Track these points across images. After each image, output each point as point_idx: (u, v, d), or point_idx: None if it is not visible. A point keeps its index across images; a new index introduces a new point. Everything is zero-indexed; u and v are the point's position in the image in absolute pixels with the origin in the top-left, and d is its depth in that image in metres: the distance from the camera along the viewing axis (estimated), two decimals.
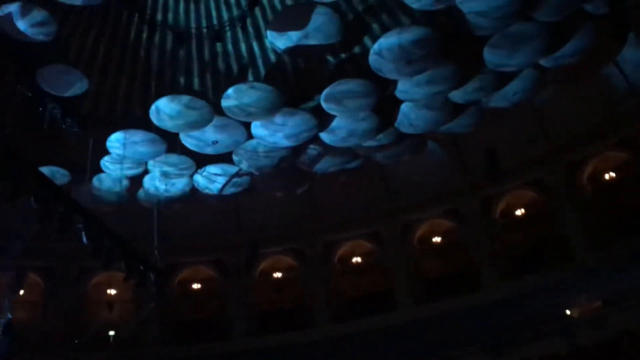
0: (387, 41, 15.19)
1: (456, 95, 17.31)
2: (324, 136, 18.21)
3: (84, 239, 13.56)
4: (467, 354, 21.19)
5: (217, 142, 18.00)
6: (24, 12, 14.44)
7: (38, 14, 14.57)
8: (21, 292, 22.39)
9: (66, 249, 21.56)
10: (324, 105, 16.86)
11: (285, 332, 22.80)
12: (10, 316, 16.73)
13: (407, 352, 21.09)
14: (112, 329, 23.54)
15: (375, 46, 15.37)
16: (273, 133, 17.70)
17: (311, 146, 19.03)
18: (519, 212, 23.23)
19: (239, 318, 23.63)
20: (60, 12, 16.29)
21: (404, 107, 17.57)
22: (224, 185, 20.53)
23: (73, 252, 21.26)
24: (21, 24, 14.72)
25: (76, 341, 22.57)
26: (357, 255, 25.06)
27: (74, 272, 23.48)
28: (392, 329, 21.42)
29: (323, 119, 17.63)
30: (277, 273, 25.45)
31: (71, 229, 13.31)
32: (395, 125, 18.14)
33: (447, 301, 21.39)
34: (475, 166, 21.64)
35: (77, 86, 16.71)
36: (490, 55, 15.65)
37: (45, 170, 16.06)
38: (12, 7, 14.29)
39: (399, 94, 16.96)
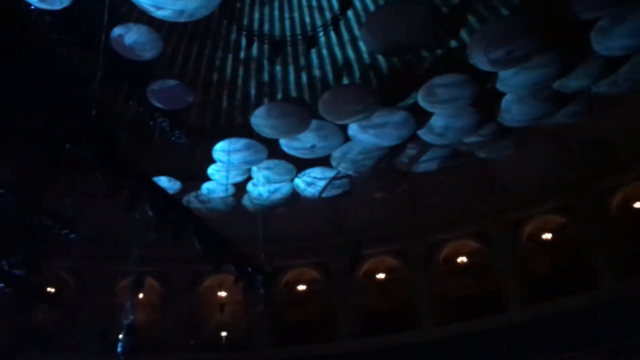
0: (485, 32, 14.74)
1: (562, 84, 16.45)
2: (423, 134, 17.94)
3: (196, 244, 14.25)
4: (583, 354, 19.90)
5: (315, 146, 18.27)
6: (133, 33, 15.43)
7: (146, 34, 15.51)
8: (140, 295, 23.86)
9: (180, 254, 22.68)
10: (421, 102, 16.63)
11: (390, 333, 22.61)
12: (132, 318, 17.83)
13: (518, 355, 20.19)
14: (224, 331, 24.53)
15: (473, 38, 14.97)
16: (371, 134, 17.69)
17: (410, 145, 18.83)
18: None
19: (344, 320, 23.75)
20: (165, 30, 17.27)
21: (505, 99, 16.95)
22: (324, 188, 20.80)
23: (186, 257, 22.31)
24: (130, 44, 15.71)
25: (191, 342, 23.72)
26: (461, 255, 24.37)
27: (187, 275, 24.67)
28: (499, 331, 20.60)
29: (421, 117, 17.39)
30: (380, 274, 25.32)
31: (184, 235, 14.02)
32: (498, 119, 17.54)
33: (559, 301, 20.24)
34: (587, 159, 20.44)
35: (184, 99, 17.61)
36: (598, 40, 14.71)
37: (158, 180, 17.07)
38: (122, 29, 15.32)
39: (499, 86, 16.39)
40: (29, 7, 14.48)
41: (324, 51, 19.08)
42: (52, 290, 22.58)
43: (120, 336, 18.71)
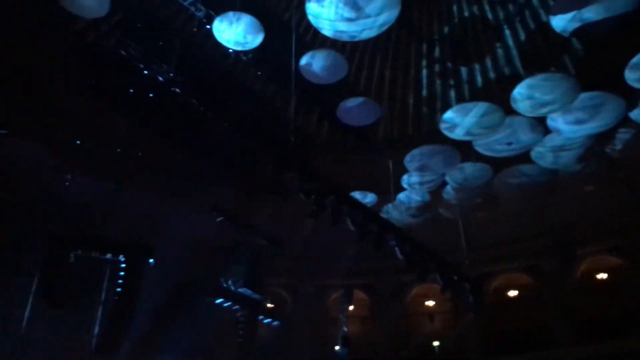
0: None
1: None
2: (637, 115, 16.05)
3: (399, 255, 14.35)
4: None
5: (512, 143, 17.34)
6: (319, 59, 16.17)
7: (331, 58, 16.16)
8: (351, 307, 24.72)
9: (384, 265, 23.03)
10: (631, 81, 14.90)
11: (612, 340, 20.28)
12: (346, 330, 18.53)
13: None
14: (435, 340, 24.27)
15: None
16: (575, 122, 16.28)
17: (621, 130, 16.97)
18: None
19: (559, 326, 21.96)
20: (348, 50, 17.86)
21: None
22: (525, 187, 19.62)
23: (391, 268, 22.57)
24: (318, 70, 16.48)
25: (405, 352, 23.86)
26: None
27: (393, 286, 24.93)
28: None
29: (631, 97, 15.58)
30: (600, 274, 23.02)
31: (386, 246, 14.21)
32: None
33: None
34: None
35: (372, 114, 17.95)
36: None
37: (355, 195, 17.57)
38: (309, 57, 16.16)
39: None
40: (227, 50, 15.98)
41: (510, 43, 18.16)
42: (271, 305, 24.34)
43: (337, 348, 19.58)
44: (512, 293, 24.62)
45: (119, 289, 14.38)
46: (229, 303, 16.82)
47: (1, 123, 13.38)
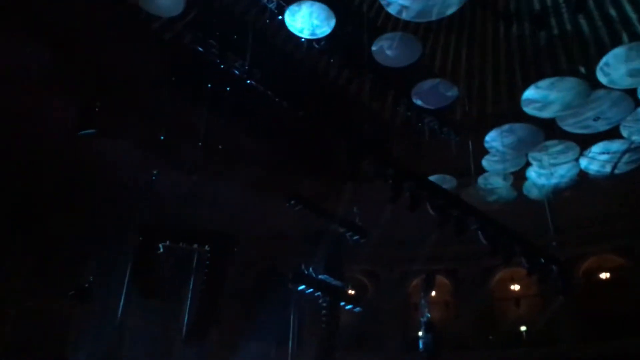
0: None
1: None
2: None
3: (482, 239, 14.02)
4: None
5: (599, 118, 16.47)
6: (392, 42, 15.96)
7: (404, 41, 15.91)
8: (433, 293, 24.42)
9: (467, 250, 22.59)
10: None
11: None
12: (428, 316, 18.32)
13: None
14: (522, 325, 23.59)
15: None
16: None
17: None
18: None
19: None
20: (421, 31, 17.50)
21: None
22: (616, 164, 18.60)
23: (474, 253, 22.11)
24: (391, 54, 16.28)
25: (490, 337, 23.36)
26: None
27: (476, 271, 24.44)
28: None
29: None
30: None
31: (469, 231, 13.92)
32: None
33: None
34: None
35: (449, 95, 17.55)
36: None
37: (434, 178, 17.28)
38: (381, 41, 15.97)
39: None
40: (300, 40, 16.06)
41: (594, 13, 17.17)
42: (353, 292, 24.45)
43: (420, 334, 19.41)
44: (604, 275, 23.51)
45: (205, 278, 14.83)
46: (311, 290, 16.99)
47: (91, 123, 14.13)
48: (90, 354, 19.54)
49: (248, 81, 15.65)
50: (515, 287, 24.60)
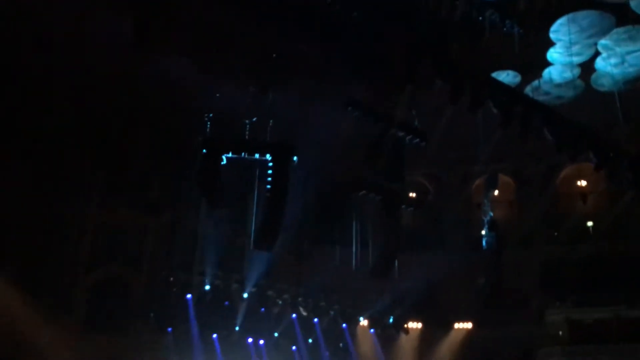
0: None
1: None
2: None
3: (547, 135, 13.55)
4: None
5: None
6: None
7: None
8: (496, 192, 24.23)
9: (531, 148, 21.97)
10: None
11: None
12: (491, 214, 18.31)
13: None
14: (588, 221, 23.24)
15: None
16: None
17: None
18: None
19: None
20: None
21: None
22: None
23: (538, 150, 21.52)
24: None
25: (555, 234, 23.22)
26: None
27: (541, 169, 23.96)
28: None
29: None
30: None
31: (533, 128, 13.46)
32: None
33: None
34: None
35: None
36: None
37: (497, 75, 16.63)
38: None
39: None
40: None
41: None
42: (414, 195, 24.54)
43: (483, 232, 19.52)
44: None
45: (269, 187, 15.15)
46: (372, 194, 17.11)
47: (147, 39, 14.14)
48: (166, 262, 20.78)
49: None
50: (582, 183, 24.01)
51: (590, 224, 23.16)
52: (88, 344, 20.69)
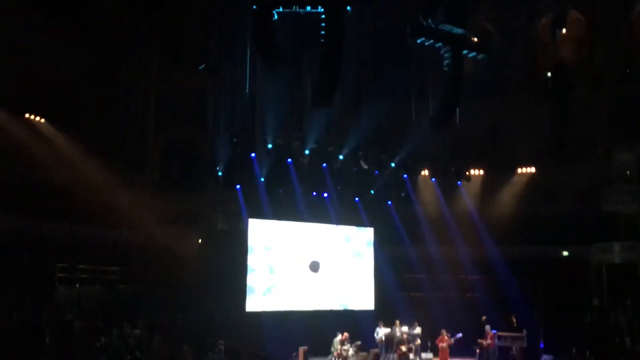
0: None
1: None
2: None
3: None
4: None
5: None
6: None
7: None
8: (563, 30, 22.70)
9: None
10: None
11: None
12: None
13: None
14: None
15: None
16: None
17: None
18: None
19: None
20: None
21: None
22: None
23: None
24: None
25: (627, 71, 21.97)
26: None
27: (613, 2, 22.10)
28: None
29: None
30: None
31: None
32: None
33: None
34: None
35: None
36: None
37: None
38: None
39: None
40: None
41: None
42: (476, 39, 23.34)
43: (549, 75, 18.61)
44: None
45: (323, 41, 14.66)
46: (431, 41, 16.30)
47: None
48: (228, 124, 21.16)
49: None
50: None
51: None
52: (163, 201, 22.08)
